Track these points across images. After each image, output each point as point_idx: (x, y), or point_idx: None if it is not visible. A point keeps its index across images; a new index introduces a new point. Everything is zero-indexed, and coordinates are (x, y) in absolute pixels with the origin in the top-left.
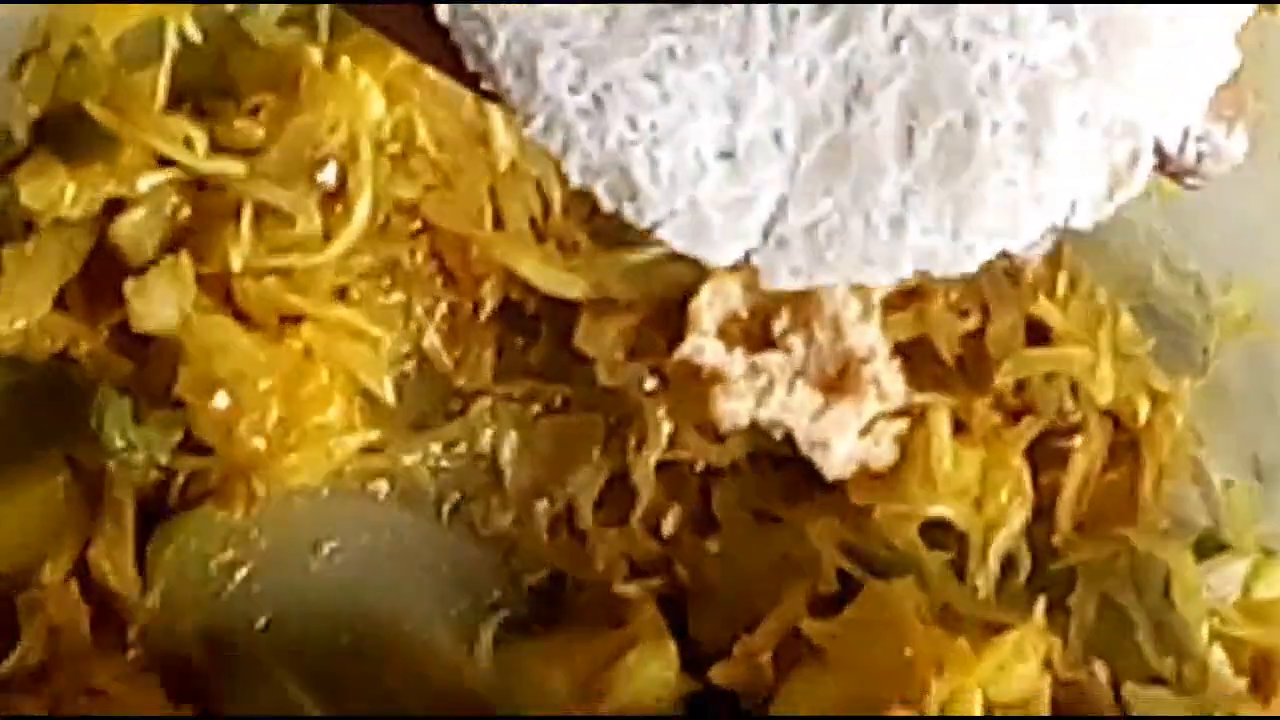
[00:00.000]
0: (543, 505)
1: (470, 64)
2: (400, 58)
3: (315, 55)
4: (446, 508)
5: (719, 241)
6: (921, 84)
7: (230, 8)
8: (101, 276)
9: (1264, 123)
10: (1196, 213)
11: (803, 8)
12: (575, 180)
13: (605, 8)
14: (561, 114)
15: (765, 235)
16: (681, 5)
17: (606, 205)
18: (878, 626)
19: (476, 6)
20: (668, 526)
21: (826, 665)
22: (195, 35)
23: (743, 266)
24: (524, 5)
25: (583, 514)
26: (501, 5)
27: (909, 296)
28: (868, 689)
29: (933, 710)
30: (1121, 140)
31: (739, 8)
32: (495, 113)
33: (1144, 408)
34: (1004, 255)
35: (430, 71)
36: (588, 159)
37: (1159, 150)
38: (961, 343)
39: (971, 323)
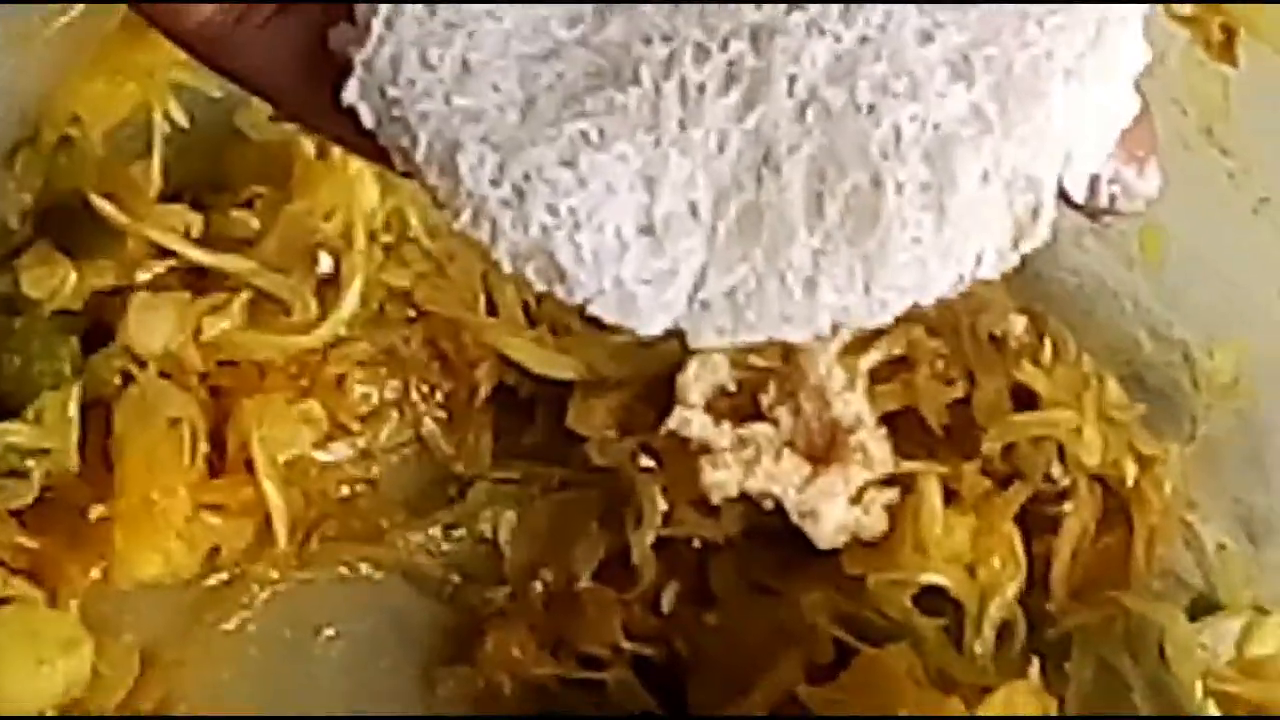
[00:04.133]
0: (540, 580)
1: (399, 165)
2: None
3: (308, 146)
4: (448, 590)
5: (646, 313)
6: (828, 149)
7: (223, 102)
8: None
9: (1236, 179)
10: (1178, 276)
11: (710, 81)
12: (506, 268)
13: (520, 99)
14: (485, 207)
15: (689, 302)
16: (593, 89)
17: (538, 288)
18: (872, 690)
19: (397, 110)
20: (666, 602)
21: None
22: (182, 120)
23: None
24: (443, 105)
25: (582, 581)
26: (420, 106)
27: (895, 367)
28: None
29: None
30: (1023, 194)
31: (648, 86)
32: None
33: (1131, 471)
34: None
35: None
36: (515, 247)
37: (1065, 196)
38: (949, 411)
39: (958, 391)
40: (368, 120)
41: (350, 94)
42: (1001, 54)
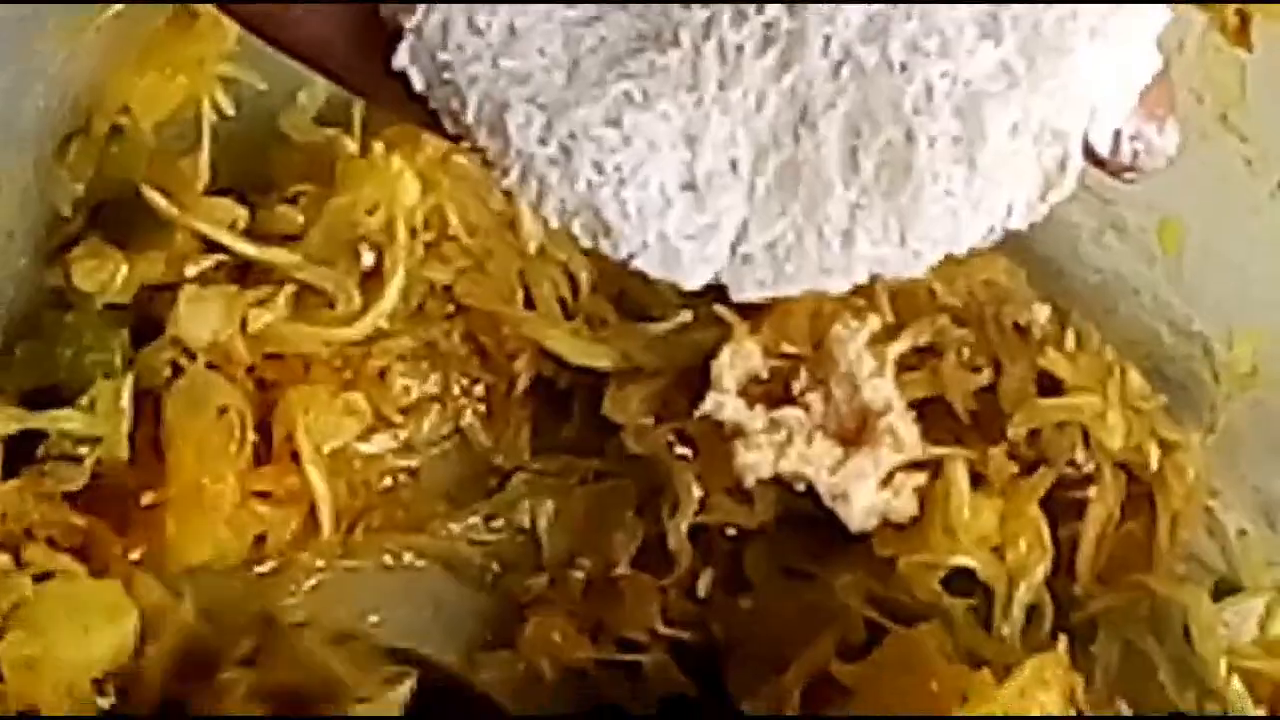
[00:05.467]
0: (579, 567)
1: (449, 127)
2: (430, 149)
3: (350, 145)
4: (488, 579)
5: (689, 267)
6: (862, 106)
7: (268, 102)
8: None
9: (1253, 165)
10: (1196, 269)
11: (747, 43)
12: (554, 223)
13: (565, 61)
14: (533, 165)
15: (731, 256)
16: (635, 52)
17: (584, 242)
18: (904, 666)
19: (447, 74)
20: (702, 587)
21: (855, 703)
22: (228, 108)
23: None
24: (491, 68)
25: (619, 568)
26: (469, 70)
27: (922, 355)
28: None
29: None
30: (1051, 147)
31: (688, 48)
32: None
33: (1154, 455)
34: None
35: (459, 160)
36: (562, 203)
37: (1091, 152)
38: (975, 398)
39: (983, 378)
40: (418, 84)
41: (401, 59)
42: (1028, 13)
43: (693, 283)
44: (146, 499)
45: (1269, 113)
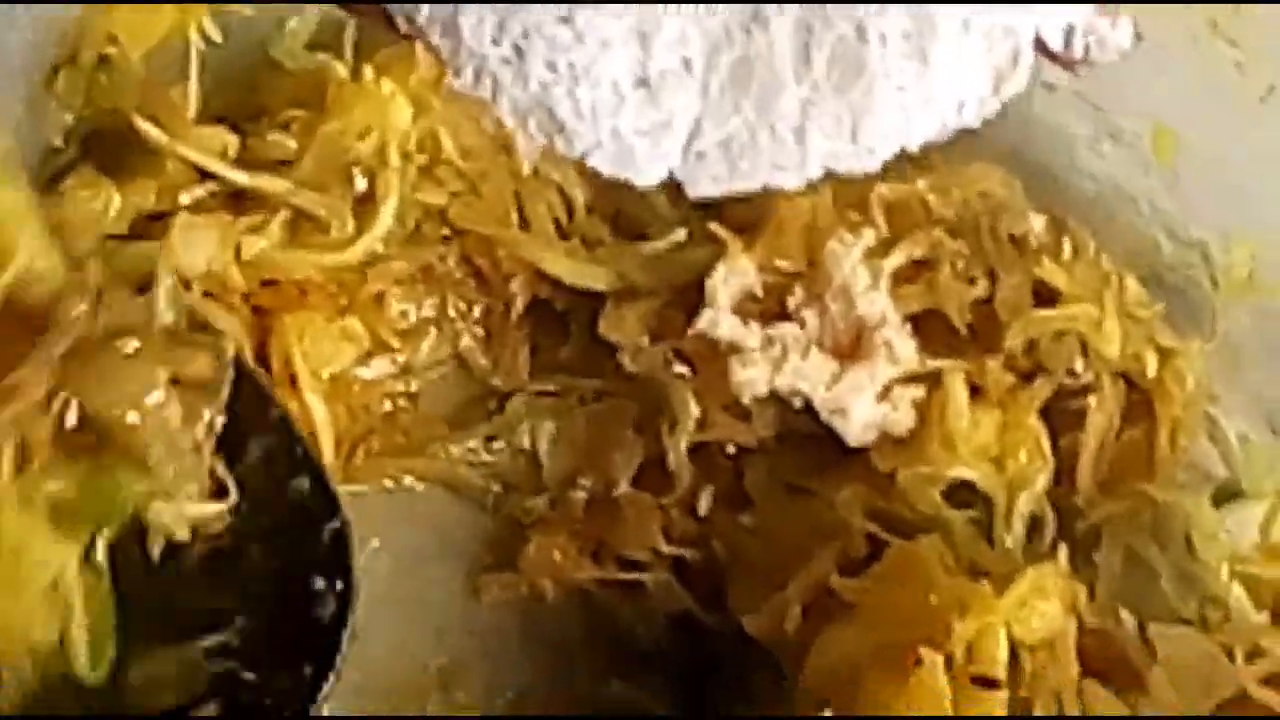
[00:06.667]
0: (580, 487)
1: (402, 27)
2: (422, 72)
3: (341, 70)
4: (489, 500)
5: (643, 164)
6: (813, 3)
7: (256, 31)
8: None
9: (1243, 69)
10: (1192, 175)
11: None
12: (509, 122)
13: None
14: (486, 65)
15: (685, 153)
16: None
17: (539, 140)
18: (904, 579)
19: None
20: (703, 505)
21: (856, 617)
22: (216, 35)
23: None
24: None
25: (620, 488)
26: None
27: (918, 269)
28: (896, 635)
29: (959, 650)
30: (1002, 42)
31: None
32: None
33: (1152, 363)
34: None
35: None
36: (515, 103)
37: (1043, 46)
38: (971, 310)
39: (980, 290)
40: None
41: None
42: None
43: (648, 179)
44: None
45: (1257, 17)
